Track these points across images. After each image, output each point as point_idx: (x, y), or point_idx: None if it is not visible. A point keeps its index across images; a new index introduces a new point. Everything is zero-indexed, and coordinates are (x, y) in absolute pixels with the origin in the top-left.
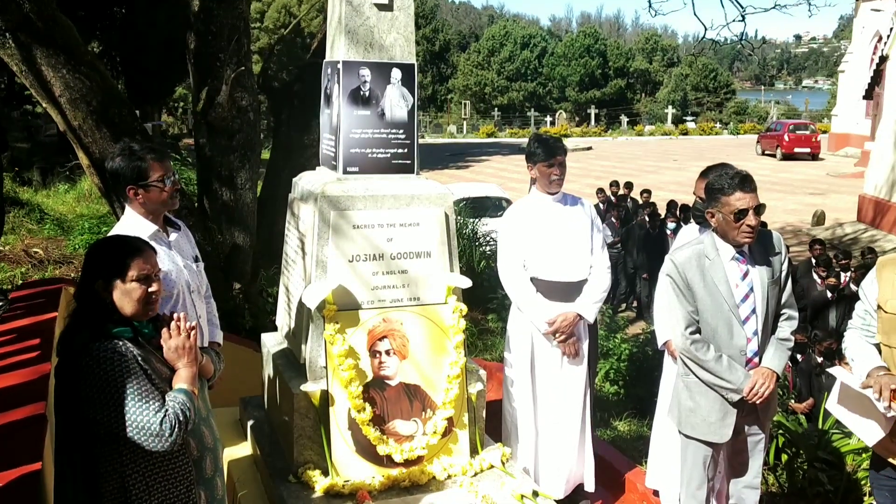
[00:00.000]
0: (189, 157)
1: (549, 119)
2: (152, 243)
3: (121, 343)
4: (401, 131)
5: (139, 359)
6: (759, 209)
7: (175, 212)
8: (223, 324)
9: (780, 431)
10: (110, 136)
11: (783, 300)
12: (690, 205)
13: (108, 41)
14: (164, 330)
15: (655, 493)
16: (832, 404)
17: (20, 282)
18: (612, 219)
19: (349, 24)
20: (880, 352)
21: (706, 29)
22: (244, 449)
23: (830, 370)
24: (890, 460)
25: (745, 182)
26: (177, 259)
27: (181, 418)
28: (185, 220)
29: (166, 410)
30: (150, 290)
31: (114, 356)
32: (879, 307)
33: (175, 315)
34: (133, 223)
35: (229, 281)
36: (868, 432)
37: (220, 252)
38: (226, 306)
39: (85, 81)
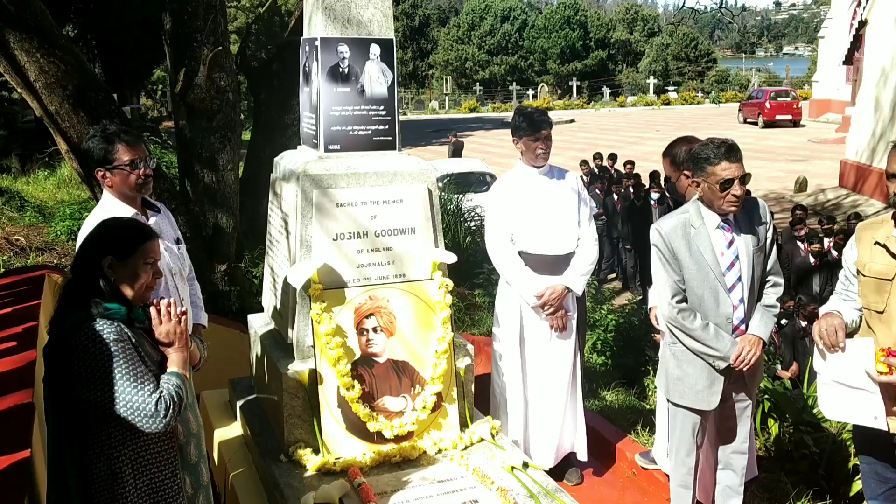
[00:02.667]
0: (170, 140)
1: (531, 92)
2: None
3: (115, 323)
4: (381, 107)
5: (132, 339)
6: (745, 178)
7: (156, 195)
8: (209, 306)
9: (767, 397)
10: (88, 120)
11: (768, 267)
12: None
13: (83, 24)
14: (154, 314)
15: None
16: (825, 405)
17: (2, 270)
18: (597, 190)
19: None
20: (862, 318)
21: None
22: (234, 430)
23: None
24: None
25: (731, 152)
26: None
27: (175, 399)
28: (166, 204)
29: (161, 392)
30: (154, 276)
31: (109, 335)
32: (858, 271)
33: (165, 301)
34: (110, 207)
35: (213, 263)
36: (866, 409)
37: (204, 234)
38: (211, 288)
39: (60, 65)
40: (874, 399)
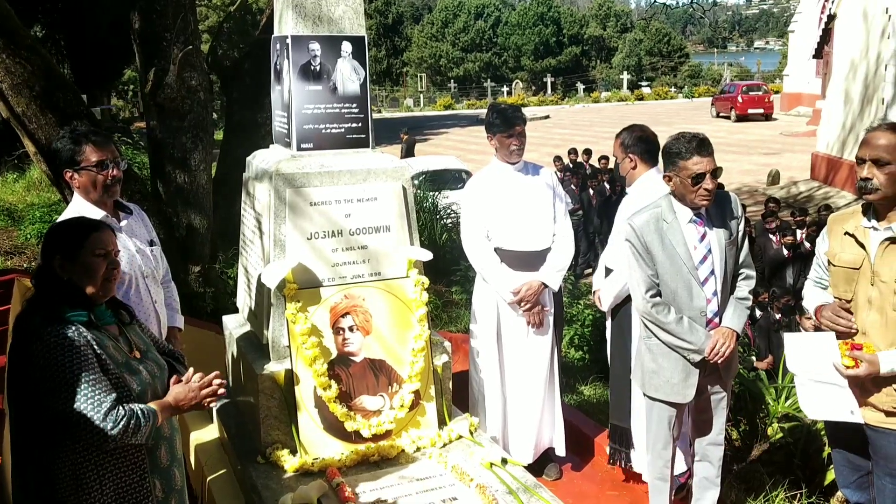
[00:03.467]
0: (141, 141)
1: (505, 89)
2: None
3: (74, 328)
4: (354, 105)
5: (94, 344)
6: (716, 172)
7: (128, 196)
8: (183, 308)
9: (742, 388)
10: (56, 122)
11: (741, 260)
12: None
13: (51, 24)
14: (189, 373)
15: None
16: (804, 404)
17: None
18: (572, 186)
19: None
20: None
21: None
22: (211, 432)
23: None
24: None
25: (703, 146)
26: (128, 244)
27: (132, 423)
28: (138, 205)
29: (118, 406)
30: (109, 267)
31: (64, 342)
32: (829, 261)
33: (205, 377)
34: (80, 209)
35: (187, 264)
36: (841, 404)
37: (177, 235)
38: (185, 290)
39: (27, 66)
40: (846, 393)
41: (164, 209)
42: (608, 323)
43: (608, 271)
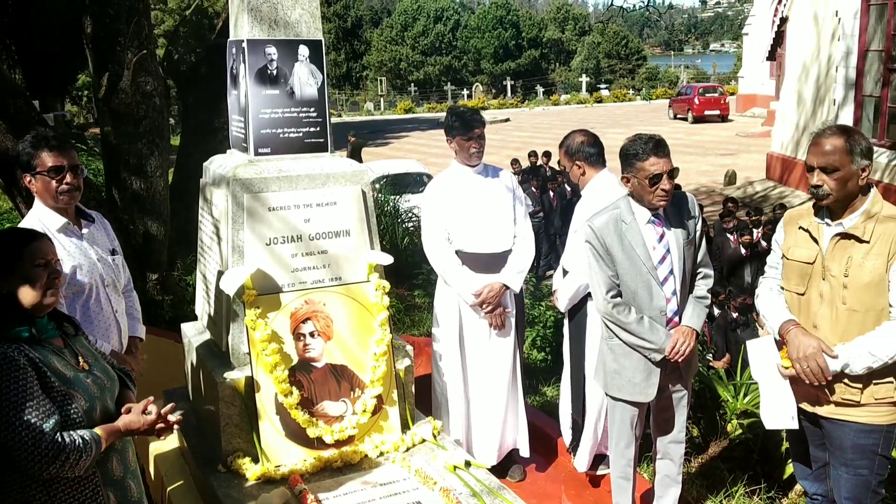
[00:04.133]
0: (96, 147)
1: (466, 92)
2: (62, 236)
3: (13, 347)
4: (312, 109)
5: (37, 361)
6: (673, 173)
7: (83, 203)
8: (142, 317)
9: (702, 386)
10: (6, 129)
11: (699, 259)
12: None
13: (1, 29)
14: (143, 403)
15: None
16: (762, 414)
17: None
18: (532, 188)
19: (252, 1)
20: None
21: None
22: (171, 442)
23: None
24: (803, 406)
25: (659, 147)
26: (90, 252)
27: (71, 457)
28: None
29: (57, 435)
30: (50, 276)
31: (2, 365)
32: (784, 255)
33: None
34: (40, 215)
35: (145, 272)
36: (786, 410)
37: (134, 243)
38: (143, 298)
39: None
40: (787, 396)
41: (120, 216)
42: (566, 323)
43: (566, 272)
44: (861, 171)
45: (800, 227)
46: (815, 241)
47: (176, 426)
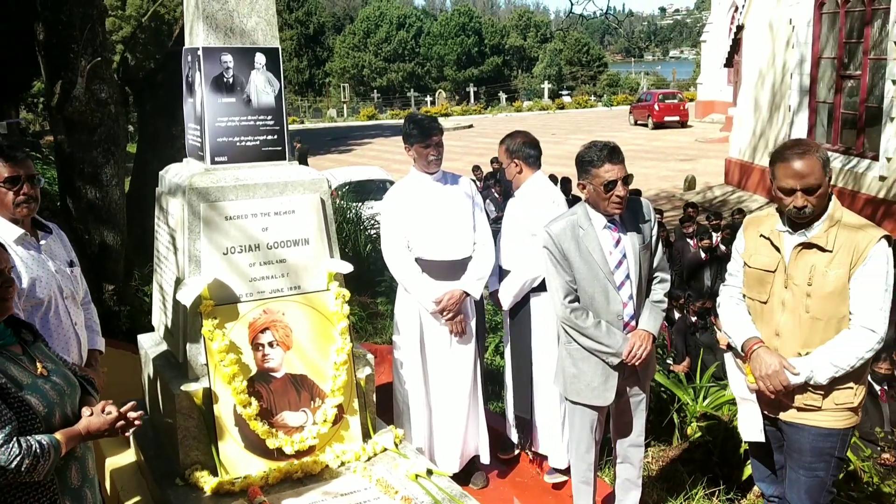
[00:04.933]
0: (51, 156)
1: (429, 99)
2: (20, 248)
3: None
4: (269, 117)
5: None
6: (627, 179)
7: (38, 213)
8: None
9: (662, 390)
10: None
11: (655, 264)
12: (566, 177)
13: None
14: (102, 404)
15: (545, 457)
16: (741, 427)
17: None
18: (496, 194)
19: (207, 8)
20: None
21: (572, 4)
22: (128, 456)
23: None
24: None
25: (613, 154)
26: (48, 264)
27: (26, 461)
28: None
29: (13, 440)
30: (4, 285)
31: None
32: (745, 263)
33: (120, 408)
34: None
35: (101, 283)
36: (754, 423)
37: (89, 253)
38: (99, 309)
39: None
40: (754, 410)
41: (75, 226)
42: (506, 321)
43: (503, 271)
44: (829, 180)
45: (761, 235)
46: (777, 248)
47: (137, 422)
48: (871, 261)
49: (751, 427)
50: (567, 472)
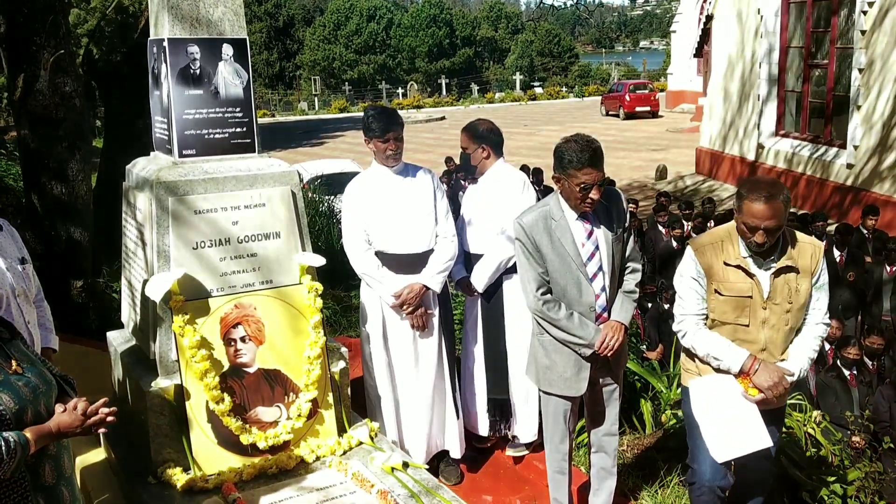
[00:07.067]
0: (16, 151)
1: (400, 91)
2: None
3: None
4: (237, 109)
5: None
6: (603, 183)
7: (1, 210)
8: (66, 325)
9: (635, 378)
10: None
11: (627, 254)
12: (538, 168)
13: None
14: (73, 401)
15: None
16: (715, 451)
17: None
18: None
19: None
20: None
21: None
22: (98, 454)
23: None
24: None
25: (595, 159)
26: None
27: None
28: (11, 220)
29: None
30: None
31: None
32: (717, 291)
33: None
34: None
35: (69, 279)
36: (751, 435)
37: (56, 250)
38: (68, 306)
39: None
40: (756, 420)
41: (42, 222)
42: (477, 306)
43: (470, 255)
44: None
45: (726, 263)
46: (749, 274)
47: (110, 418)
48: (822, 269)
49: (745, 440)
50: (530, 447)
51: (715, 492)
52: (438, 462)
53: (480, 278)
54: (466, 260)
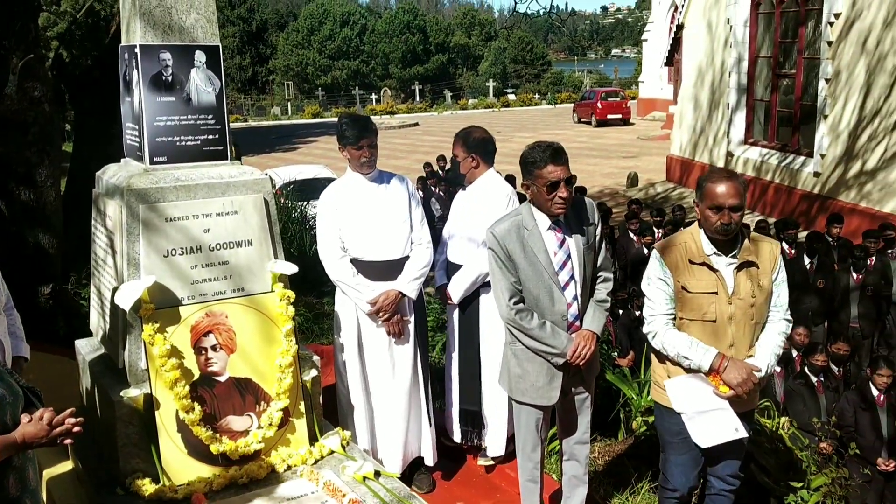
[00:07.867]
0: None
1: (374, 96)
2: None
3: None
4: (210, 116)
5: None
6: (571, 180)
7: None
8: (33, 333)
9: (607, 385)
10: None
11: (599, 263)
12: (511, 175)
13: None
14: (40, 411)
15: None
16: (696, 436)
17: None
18: (441, 192)
19: (144, 5)
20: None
21: (516, 2)
22: (65, 465)
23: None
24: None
25: (557, 155)
26: None
27: None
28: None
29: None
30: None
31: None
32: (684, 288)
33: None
34: None
35: (37, 286)
36: (726, 426)
37: (24, 256)
38: (35, 313)
39: None
40: (729, 414)
41: (9, 228)
42: (455, 314)
43: (450, 264)
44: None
45: (690, 262)
46: (713, 269)
47: (77, 429)
48: (780, 266)
49: (719, 431)
50: (498, 459)
51: (684, 498)
52: (411, 471)
53: (457, 289)
54: (448, 267)
